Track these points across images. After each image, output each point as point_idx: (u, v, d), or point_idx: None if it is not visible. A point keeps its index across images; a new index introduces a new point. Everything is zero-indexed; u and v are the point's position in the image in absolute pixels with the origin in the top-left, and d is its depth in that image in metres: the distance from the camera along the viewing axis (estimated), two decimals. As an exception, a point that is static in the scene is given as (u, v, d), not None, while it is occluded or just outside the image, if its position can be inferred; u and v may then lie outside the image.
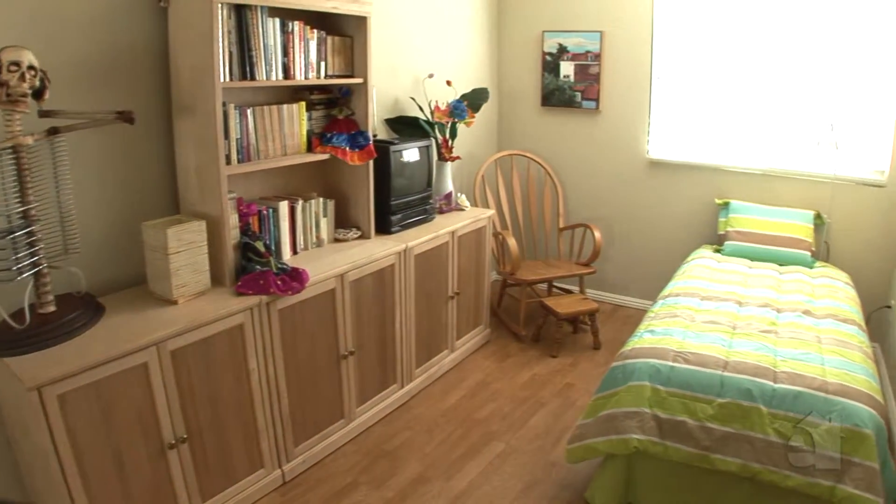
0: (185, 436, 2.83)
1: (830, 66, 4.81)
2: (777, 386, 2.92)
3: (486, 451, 3.78)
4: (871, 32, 4.63)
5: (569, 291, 5.70)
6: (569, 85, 5.75)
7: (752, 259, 4.80)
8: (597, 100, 5.66)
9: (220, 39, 2.97)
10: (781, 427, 2.81)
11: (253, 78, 3.23)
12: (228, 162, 3.18)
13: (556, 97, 5.84)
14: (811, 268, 4.65)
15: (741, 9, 5.02)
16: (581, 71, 5.67)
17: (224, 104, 3.08)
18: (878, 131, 4.72)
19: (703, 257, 4.81)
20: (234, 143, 3.21)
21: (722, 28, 5.12)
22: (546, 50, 5.79)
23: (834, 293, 4.13)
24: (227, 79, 3.08)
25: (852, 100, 4.79)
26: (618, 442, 3.08)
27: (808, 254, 4.74)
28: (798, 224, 4.84)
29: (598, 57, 5.56)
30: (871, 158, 4.81)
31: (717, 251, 4.99)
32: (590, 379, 4.54)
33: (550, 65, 5.79)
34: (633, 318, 4.81)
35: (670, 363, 3.14)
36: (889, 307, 4.68)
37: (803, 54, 4.88)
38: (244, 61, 3.17)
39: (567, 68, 5.72)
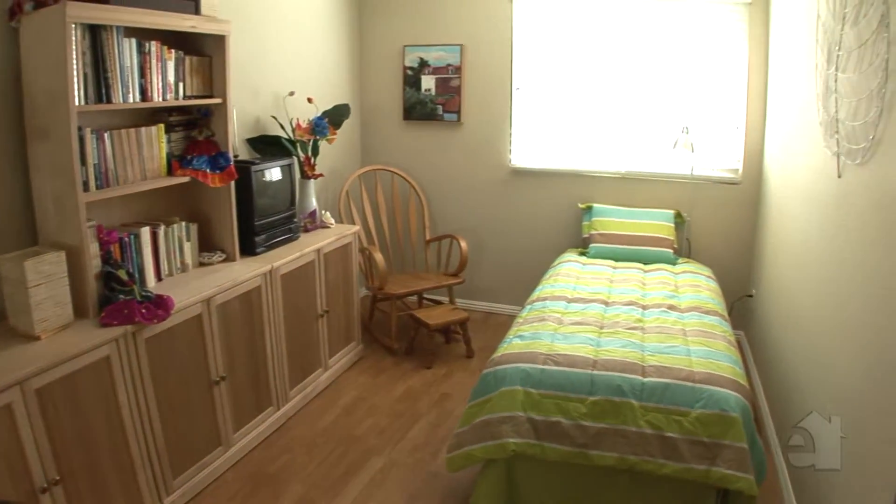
0: (58, 478, 2.67)
1: (682, 73, 5.15)
2: (646, 380, 3.07)
3: (367, 467, 3.78)
4: (717, 40, 4.99)
5: (439, 302, 5.77)
6: (430, 98, 5.84)
7: (617, 259, 5.02)
8: (458, 112, 5.79)
9: (75, 61, 2.85)
10: (653, 419, 2.96)
11: (109, 101, 3.10)
12: (86, 189, 3.04)
13: (417, 111, 5.92)
14: (674, 264, 4.91)
15: (596, 21, 5.28)
16: (442, 84, 5.78)
17: (80, 128, 2.95)
18: (730, 133, 5.09)
19: (569, 261, 4.99)
20: (91, 169, 3.08)
21: (578, 39, 5.38)
22: (407, 64, 5.86)
23: (697, 287, 4.39)
24: (83, 102, 2.96)
25: (704, 104, 5.15)
26: (494, 447, 3.13)
27: (671, 251, 5.01)
28: (659, 223, 5.11)
29: (458, 70, 5.69)
30: (725, 158, 5.18)
31: (583, 254, 5.18)
32: (465, 388, 4.60)
33: (412, 79, 5.88)
34: (505, 325, 4.91)
35: (540, 366, 3.24)
36: (750, 296, 5.01)
37: (655, 62, 5.20)
38: (100, 83, 3.05)
39: (428, 82, 5.82)
